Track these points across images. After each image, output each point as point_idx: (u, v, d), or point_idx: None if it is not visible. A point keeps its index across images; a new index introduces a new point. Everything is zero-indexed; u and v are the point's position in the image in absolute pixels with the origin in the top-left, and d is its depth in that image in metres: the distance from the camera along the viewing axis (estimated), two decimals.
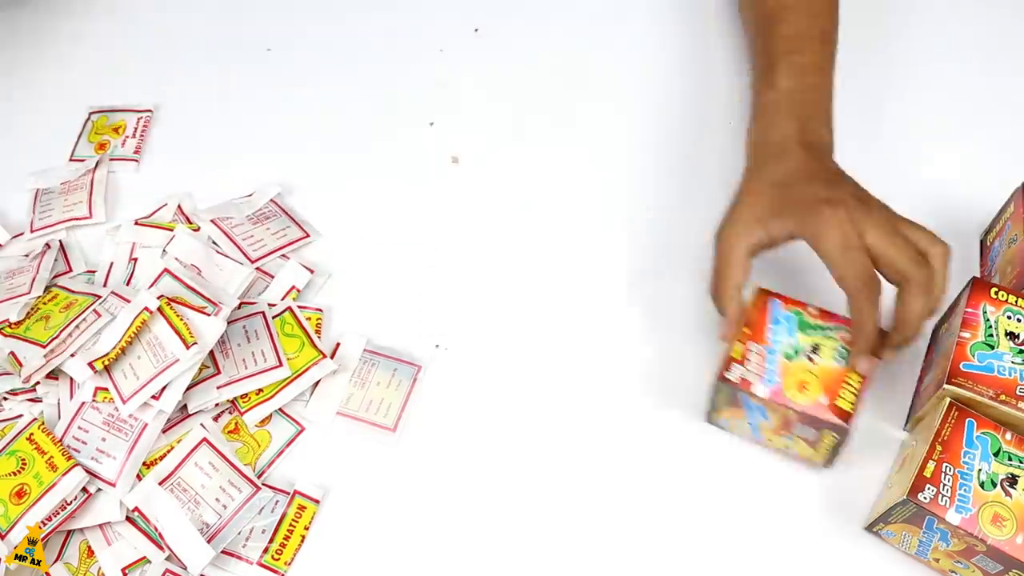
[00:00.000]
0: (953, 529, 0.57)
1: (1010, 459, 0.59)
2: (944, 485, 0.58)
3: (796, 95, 0.71)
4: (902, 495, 0.58)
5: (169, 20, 0.93)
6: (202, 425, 0.68)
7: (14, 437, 0.66)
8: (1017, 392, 0.61)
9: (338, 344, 0.73)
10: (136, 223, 0.78)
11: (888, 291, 0.62)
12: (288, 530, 0.66)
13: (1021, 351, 0.63)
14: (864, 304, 0.61)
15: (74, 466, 0.64)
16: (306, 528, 0.66)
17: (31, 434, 0.66)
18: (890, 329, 0.63)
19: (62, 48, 0.92)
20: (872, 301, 0.61)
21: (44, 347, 0.68)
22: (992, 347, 0.63)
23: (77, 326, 0.69)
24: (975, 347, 0.63)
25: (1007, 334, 0.63)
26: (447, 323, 0.74)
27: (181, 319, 0.67)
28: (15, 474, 0.64)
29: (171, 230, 0.77)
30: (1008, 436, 0.60)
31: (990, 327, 0.64)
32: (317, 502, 0.67)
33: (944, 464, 0.59)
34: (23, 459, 0.65)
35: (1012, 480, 0.58)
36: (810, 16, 0.75)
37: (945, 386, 0.61)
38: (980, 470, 0.59)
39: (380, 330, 0.74)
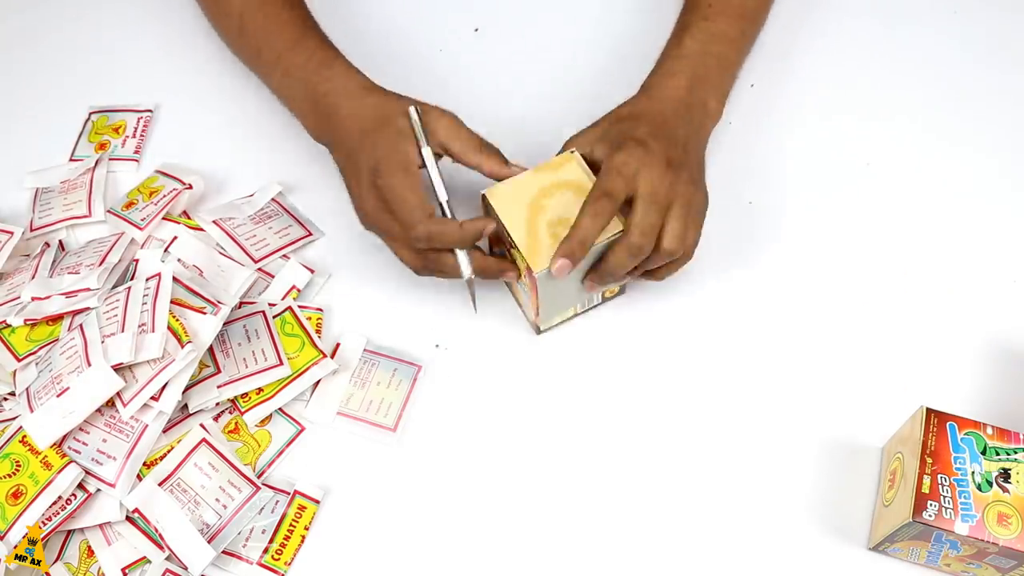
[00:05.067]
0: (963, 538, 0.58)
1: (997, 454, 0.59)
2: (944, 498, 0.58)
3: (696, 58, 0.74)
4: (906, 518, 0.58)
5: (169, 20, 0.92)
6: (202, 425, 0.68)
7: (7, 440, 0.66)
8: None
9: (338, 344, 0.73)
10: (164, 218, 0.78)
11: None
12: (288, 530, 0.66)
13: None
14: (587, 212, 0.63)
15: (68, 463, 0.64)
16: (306, 528, 0.66)
17: (24, 436, 0.66)
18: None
19: (62, 48, 0.92)
20: (596, 215, 0.63)
21: (19, 360, 0.69)
22: None
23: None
24: None
25: None
26: (447, 323, 0.74)
27: (177, 319, 0.67)
28: (10, 476, 0.64)
29: (189, 226, 0.78)
30: (989, 431, 0.60)
31: None
32: (317, 502, 0.67)
33: (939, 476, 0.59)
34: (17, 461, 0.65)
35: (1005, 475, 0.58)
36: None
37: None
38: (973, 472, 0.59)
39: (380, 330, 0.74)
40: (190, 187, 0.78)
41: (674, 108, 0.71)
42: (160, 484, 0.66)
